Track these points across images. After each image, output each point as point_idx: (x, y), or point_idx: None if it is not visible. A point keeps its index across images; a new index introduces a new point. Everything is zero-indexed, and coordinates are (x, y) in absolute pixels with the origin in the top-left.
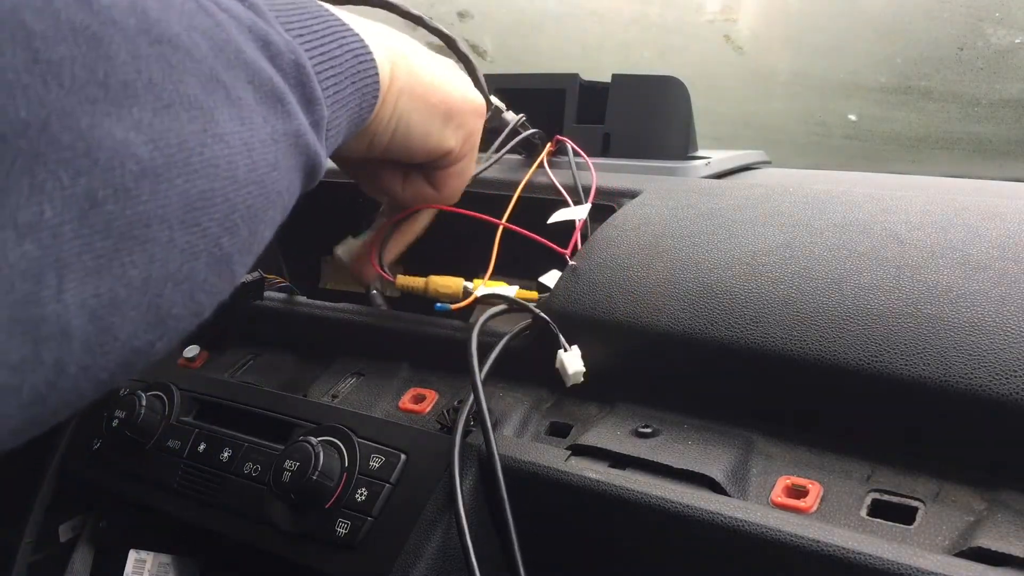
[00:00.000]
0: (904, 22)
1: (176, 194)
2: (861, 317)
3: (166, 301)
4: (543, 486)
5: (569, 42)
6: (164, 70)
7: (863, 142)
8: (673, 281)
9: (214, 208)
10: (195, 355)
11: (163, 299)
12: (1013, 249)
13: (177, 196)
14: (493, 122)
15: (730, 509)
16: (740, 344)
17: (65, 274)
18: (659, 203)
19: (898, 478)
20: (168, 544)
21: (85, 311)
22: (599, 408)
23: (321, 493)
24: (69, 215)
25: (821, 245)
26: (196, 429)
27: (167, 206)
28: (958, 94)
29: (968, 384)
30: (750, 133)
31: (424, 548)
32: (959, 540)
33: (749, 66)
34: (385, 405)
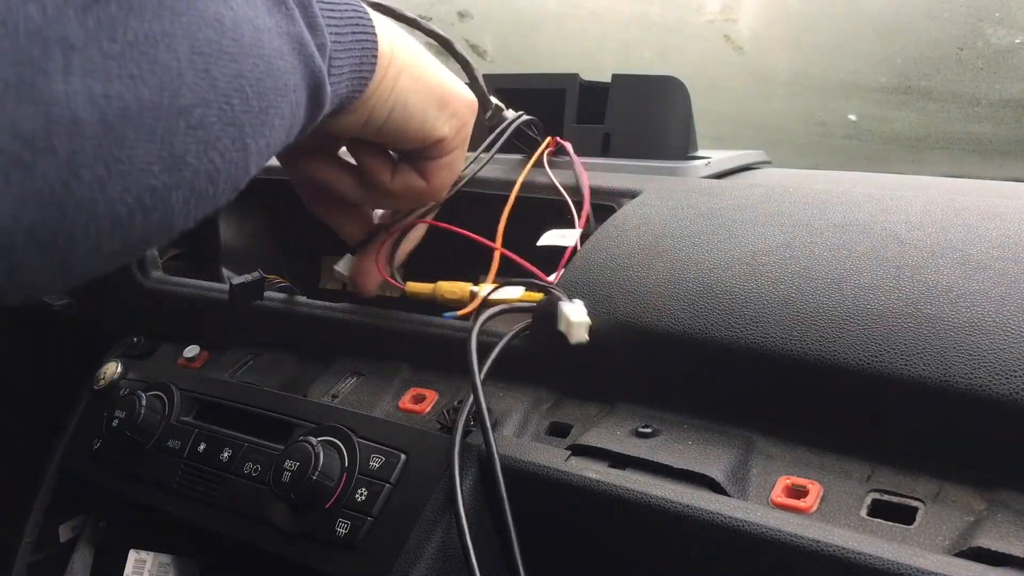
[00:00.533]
0: (904, 22)
1: (181, 27)
2: (861, 317)
3: (180, 141)
4: (543, 486)
5: (569, 42)
6: None
7: (863, 142)
8: (673, 281)
9: (220, 61)
10: (195, 355)
11: (176, 138)
12: (1013, 249)
13: (182, 30)
14: (494, 120)
15: (730, 509)
16: (740, 344)
17: (71, 57)
18: (659, 203)
19: (898, 478)
20: (168, 544)
21: (95, 109)
22: (599, 408)
23: (321, 493)
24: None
25: (821, 245)
26: (196, 429)
27: (173, 36)
28: (958, 94)
29: (968, 384)
30: (750, 133)
31: (424, 548)
32: (959, 540)
33: (749, 66)
34: (385, 405)
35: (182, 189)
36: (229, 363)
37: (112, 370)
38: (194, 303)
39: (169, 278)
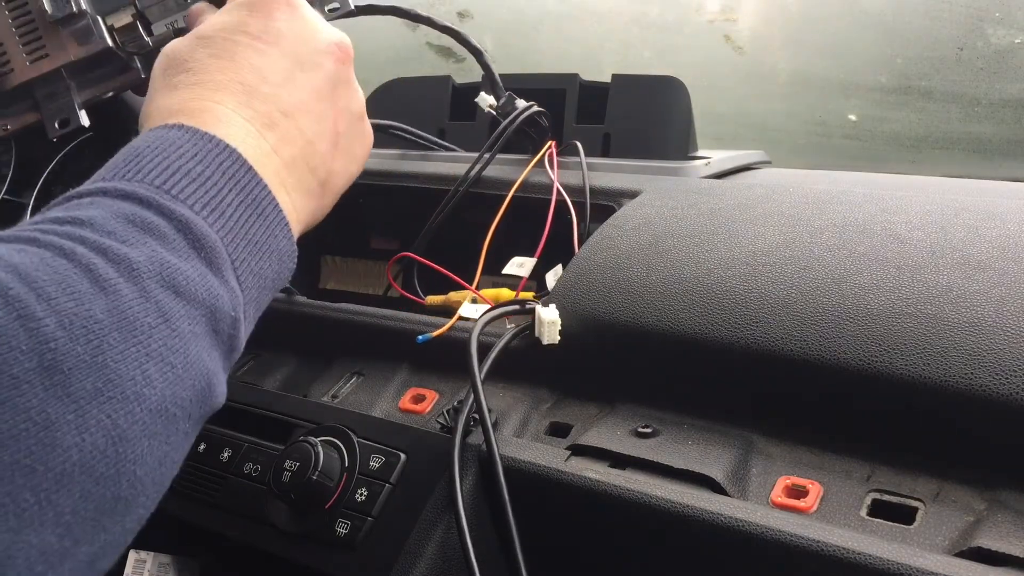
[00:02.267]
0: (904, 22)
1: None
2: (861, 317)
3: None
4: (543, 486)
5: (569, 42)
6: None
7: (863, 142)
8: (673, 281)
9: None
10: None
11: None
12: (1013, 249)
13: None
14: (506, 108)
15: (730, 509)
16: (740, 344)
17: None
18: (659, 203)
19: (898, 478)
20: (168, 544)
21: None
22: (599, 408)
23: (321, 493)
24: None
25: (821, 245)
26: None
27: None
28: (958, 94)
29: (968, 384)
30: (750, 133)
31: (424, 548)
32: (959, 540)
33: (749, 66)
34: (385, 405)
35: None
36: None
37: None
38: None
39: None
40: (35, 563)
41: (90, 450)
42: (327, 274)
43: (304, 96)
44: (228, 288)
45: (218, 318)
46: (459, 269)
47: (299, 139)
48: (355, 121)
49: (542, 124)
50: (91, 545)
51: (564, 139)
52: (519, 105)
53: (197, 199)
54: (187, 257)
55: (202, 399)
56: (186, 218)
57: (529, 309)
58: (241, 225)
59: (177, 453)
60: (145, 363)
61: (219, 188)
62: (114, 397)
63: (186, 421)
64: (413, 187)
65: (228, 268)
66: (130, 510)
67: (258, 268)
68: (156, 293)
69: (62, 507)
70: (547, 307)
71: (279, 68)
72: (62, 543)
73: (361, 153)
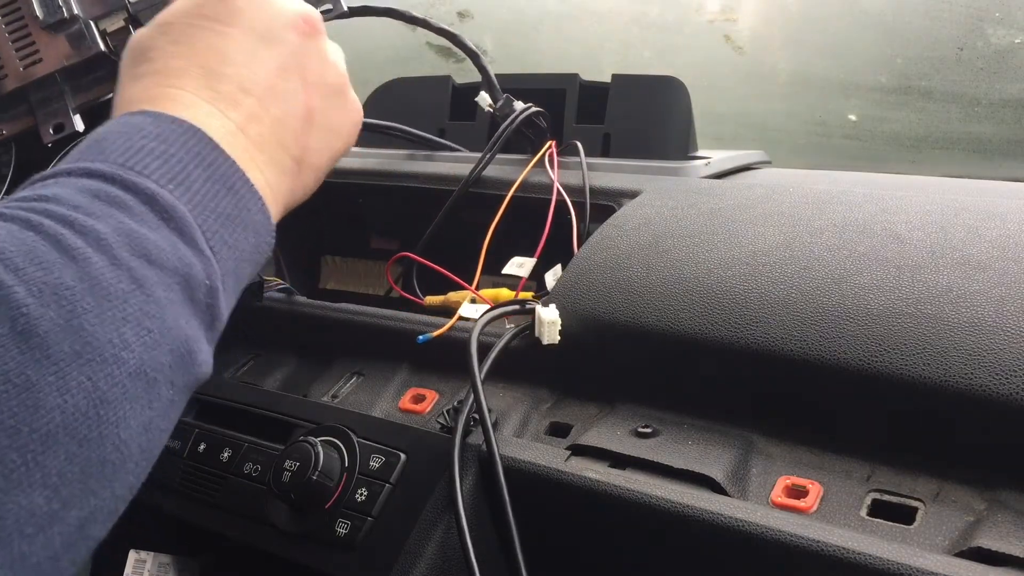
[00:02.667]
0: (904, 22)
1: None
2: (861, 317)
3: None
4: (543, 486)
5: (569, 42)
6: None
7: (863, 142)
8: (673, 281)
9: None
10: None
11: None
12: (1013, 249)
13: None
14: (504, 110)
15: (730, 509)
16: (740, 344)
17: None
18: (659, 203)
19: (898, 478)
20: (168, 544)
21: None
22: (599, 408)
23: (321, 493)
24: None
25: (821, 245)
26: (196, 429)
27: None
28: (958, 94)
29: (968, 384)
30: (750, 133)
31: (424, 548)
32: (959, 540)
33: (749, 66)
34: (385, 405)
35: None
36: (229, 363)
37: None
38: None
39: None
40: (24, 525)
41: (72, 412)
42: (327, 274)
43: (268, 73)
44: (201, 257)
45: (193, 286)
46: (459, 269)
47: (266, 117)
48: (332, 95)
49: (540, 125)
50: (80, 510)
51: (564, 139)
52: (517, 107)
53: (162, 174)
54: (155, 228)
55: (183, 366)
56: (152, 190)
57: (529, 309)
58: (210, 199)
59: (163, 420)
60: (121, 327)
61: (184, 164)
62: (93, 359)
63: (168, 388)
64: (413, 187)
65: (200, 238)
66: (118, 475)
67: (232, 241)
68: (127, 260)
69: (49, 468)
70: (547, 307)
71: (240, 47)
72: (50, 505)
73: (344, 127)
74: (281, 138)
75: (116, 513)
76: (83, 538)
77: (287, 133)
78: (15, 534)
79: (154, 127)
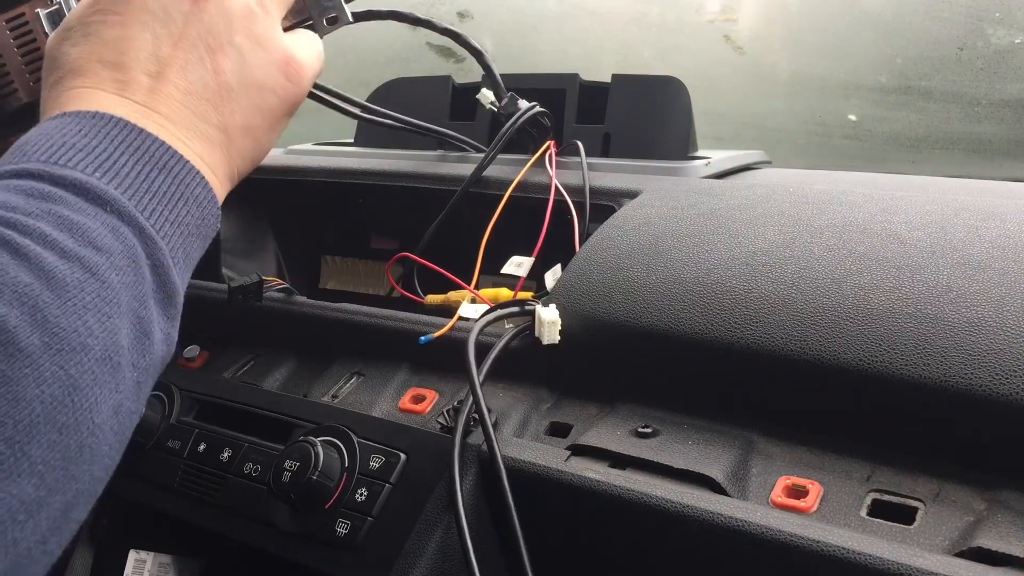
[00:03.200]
0: (904, 22)
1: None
2: (861, 317)
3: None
4: (543, 486)
5: (569, 42)
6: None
7: (863, 142)
8: (673, 281)
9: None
10: (195, 355)
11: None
12: (1013, 249)
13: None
14: (508, 109)
15: (730, 509)
16: (740, 344)
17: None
18: (659, 203)
19: (898, 478)
20: (168, 544)
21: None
22: (599, 408)
23: (321, 493)
24: None
25: (821, 245)
26: (196, 429)
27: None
28: (958, 94)
29: (968, 384)
30: (750, 133)
31: (424, 548)
32: (959, 540)
33: (749, 66)
34: (385, 405)
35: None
36: (229, 363)
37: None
38: (194, 303)
39: None
40: (17, 512)
41: (50, 401)
42: (327, 274)
43: (167, 50)
44: (144, 237)
45: (141, 266)
46: (459, 268)
47: (175, 92)
48: (247, 51)
49: (544, 124)
50: (64, 495)
51: (564, 139)
52: (522, 106)
53: (87, 164)
54: (93, 215)
55: (141, 347)
56: (80, 180)
57: (528, 310)
58: (142, 180)
59: (131, 403)
60: (84, 315)
61: (108, 152)
62: (62, 349)
63: (131, 369)
64: (413, 187)
65: (139, 218)
66: (95, 459)
67: (174, 217)
68: (75, 251)
69: (34, 457)
70: (547, 307)
71: (135, 33)
72: (38, 492)
73: (270, 79)
74: (197, 110)
75: (95, 496)
76: (67, 521)
77: (202, 103)
78: (8, 522)
79: (74, 124)
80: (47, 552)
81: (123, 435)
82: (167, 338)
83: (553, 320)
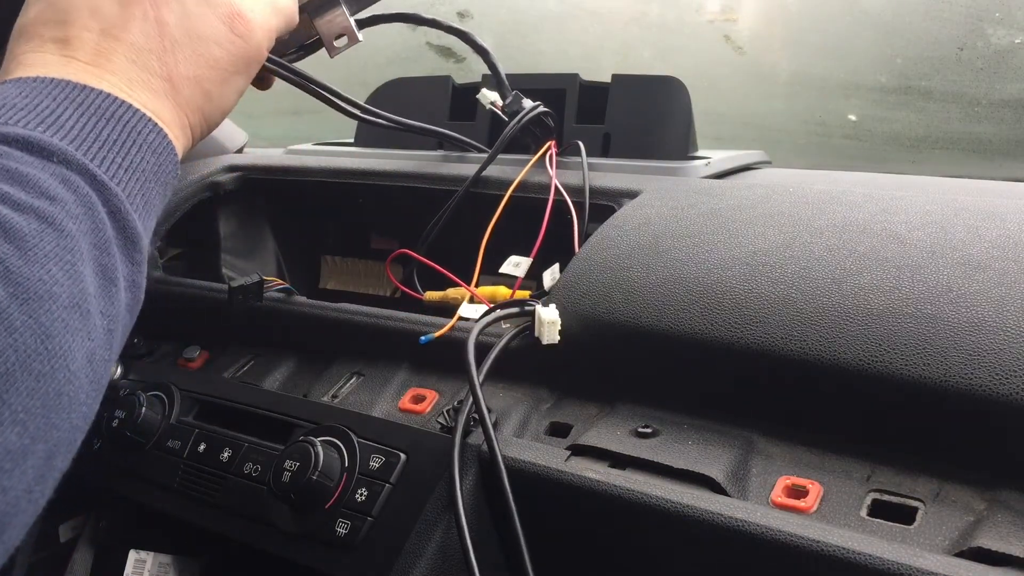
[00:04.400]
0: (904, 22)
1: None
2: (861, 317)
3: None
4: (543, 486)
5: (569, 42)
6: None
7: (863, 142)
8: (673, 281)
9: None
10: (195, 355)
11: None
12: (1013, 249)
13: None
14: (513, 107)
15: (730, 509)
16: (740, 344)
17: None
18: (659, 203)
19: (898, 478)
20: (168, 544)
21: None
22: (599, 408)
23: (321, 493)
24: None
25: (821, 245)
26: (196, 429)
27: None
28: (958, 94)
29: (968, 384)
30: (750, 133)
31: (424, 548)
32: (959, 540)
33: (749, 66)
34: (385, 405)
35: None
36: (229, 363)
37: (112, 370)
38: (194, 303)
39: (169, 278)
40: (3, 461)
41: (23, 349)
42: (327, 274)
43: (110, 8)
44: (97, 184)
45: (98, 212)
46: (459, 267)
47: (116, 46)
48: (190, 5)
49: (548, 124)
50: (46, 443)
51: (564, 139)
52: (526, 105)
53: (29, 120)
54: (41, 167)
55: (107, 294)
56: (23, 135)
57: (528, 310)
58: (88, 131)
59: (104, 351)
60: (46, 263)
61: (51, 109)
62: (29, 298)
63: (100, 317)
64: (413, 187)
65: (90, 166)
66: (74, 406)
67: (128, 163)
68: (28, 202)
69: (15, 406)
70: (547, 307)
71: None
72: (22, 440)
73: (214, 32)
74: (140, 61)
75: (75, 445)
76: (50, 470)
77: (145, 55)
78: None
79: (14, 88)
80: (32, 501)
81: (99, 383)
82: (132, 284)
83: (553, 320)
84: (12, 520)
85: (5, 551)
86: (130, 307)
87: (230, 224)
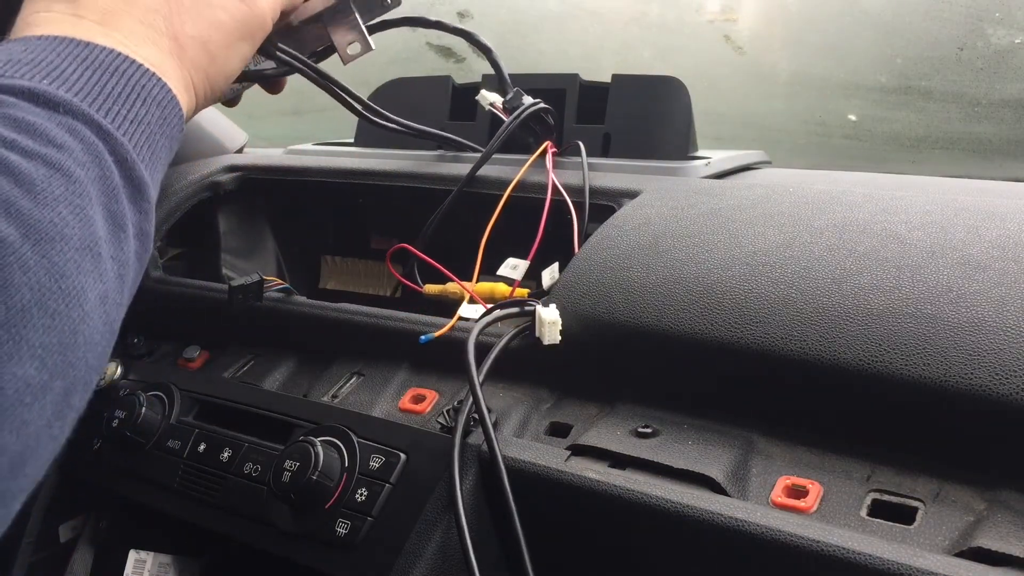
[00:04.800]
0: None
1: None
2: (861, 317)
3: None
4: (543, 486)
5: (569, 42)
6: (49, 273)
7: (863, 142)
8: (673, 281)
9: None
10: (195, 355)
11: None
12: (1013, 249)
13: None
14: (513, 103)
15: (730, 509)
16: (740, 344)
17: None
18: (659, 203)
19: (898, 478)
20: (168, 544)
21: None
22: (599, 408)
23: (321, 493)
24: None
25: (821, 245)
26: (196, 429)
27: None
28: (958, 94)
29: (968, 384)
30: (750, 133)
31: (424, 548)
32: (959, 540)
33: (749, 66)
34: (385, 405)
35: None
36: (229, 363)
37: (112, 370)
38: (194, 303)
39: (169, 278)
40: (23, 394)
41: (38, 287)
42: (327, 274)
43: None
44: (103, 133)
45: (105, 160)
46: (459, 267)
47: (125, 7)
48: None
49: (548, 122)
50: (64, 379)
51: (564, 139)
52: (526, 101)
53: (35, 74)
54: (47, 117)
55: (117, 240)
56: (27, 87)
57: (528, 311)
58: (93, 84)
59: (116, 294)
60: (56, 207)
61: (56, 64)
62: (41, 239)
63: (111, 261)
64: (413, 187)
65: (95, 116)
66: (89, 345)
67: (133, 115)
68: (36, 149)
69: (32, 341)
70: (548, 307)
71: None
72: (40, 376)
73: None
74: (146, 20)
75: (91, 385)
76: (68, 407)
77: (150, 14)
78: (16, 403)
79: (20, 45)
80: (53, 437)
81: (112, 326)
82: (140, 232)
83: (553, 320)
84: (33, 454)
85: (28, 486)
86: (139, 255)
87: (230, 224)
